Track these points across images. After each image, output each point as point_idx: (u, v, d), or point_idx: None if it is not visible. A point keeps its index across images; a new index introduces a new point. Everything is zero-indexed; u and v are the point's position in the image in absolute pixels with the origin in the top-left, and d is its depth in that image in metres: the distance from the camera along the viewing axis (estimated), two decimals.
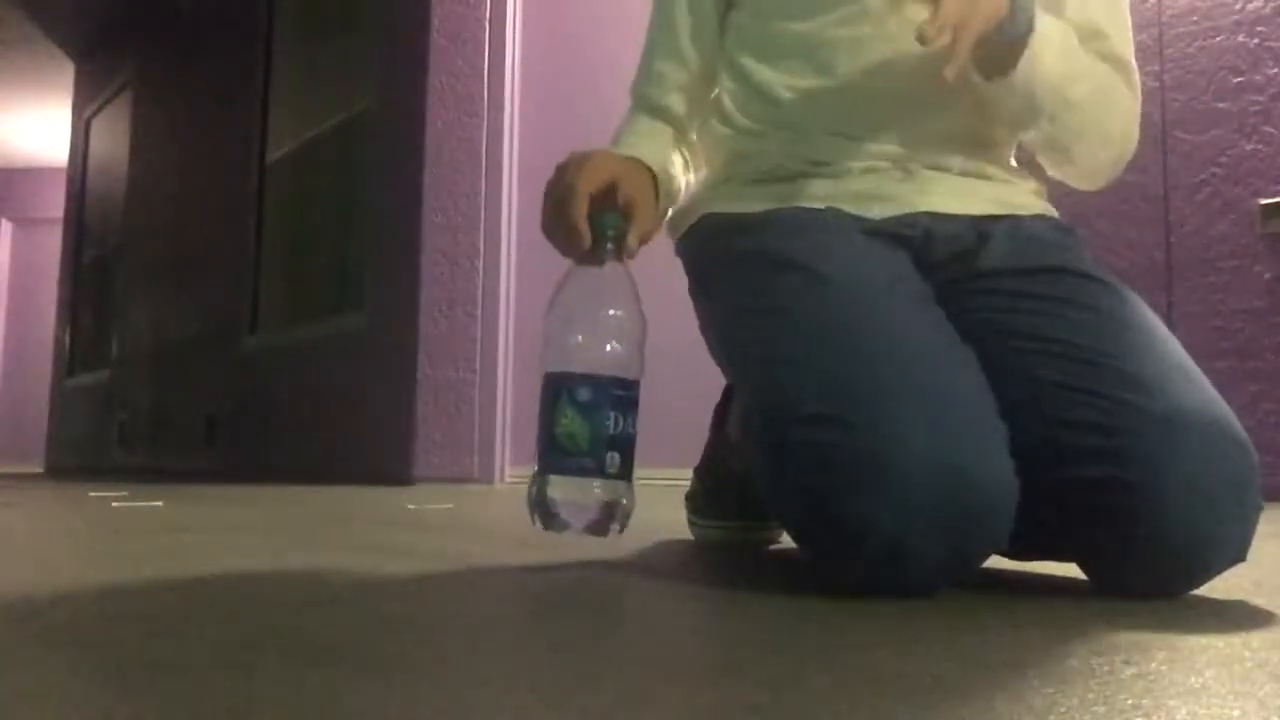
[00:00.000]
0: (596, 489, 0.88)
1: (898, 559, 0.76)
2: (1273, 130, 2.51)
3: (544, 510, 0.89)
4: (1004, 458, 0.78)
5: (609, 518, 0.89)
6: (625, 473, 0.89)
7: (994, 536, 0.78)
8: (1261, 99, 2.52)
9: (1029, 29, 0.90)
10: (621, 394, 0.89)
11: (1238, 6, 2.58)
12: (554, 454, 0.89)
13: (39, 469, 6.66)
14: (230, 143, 4.80)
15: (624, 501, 0.90)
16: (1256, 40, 2.55)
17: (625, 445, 0.89)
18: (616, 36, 3.38)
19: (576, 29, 3.45)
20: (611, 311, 0.91)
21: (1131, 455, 0.77)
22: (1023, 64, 0.90)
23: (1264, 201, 2.49)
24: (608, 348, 0.89)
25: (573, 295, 0.91)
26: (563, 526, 0.89)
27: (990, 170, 1.03)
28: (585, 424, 0.87)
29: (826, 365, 0.82)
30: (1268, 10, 2.54)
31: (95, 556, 1.08)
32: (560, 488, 0.89)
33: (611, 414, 0.88)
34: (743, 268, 0.97)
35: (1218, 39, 2.59)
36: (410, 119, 3.48)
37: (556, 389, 0.89)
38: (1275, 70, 2.52)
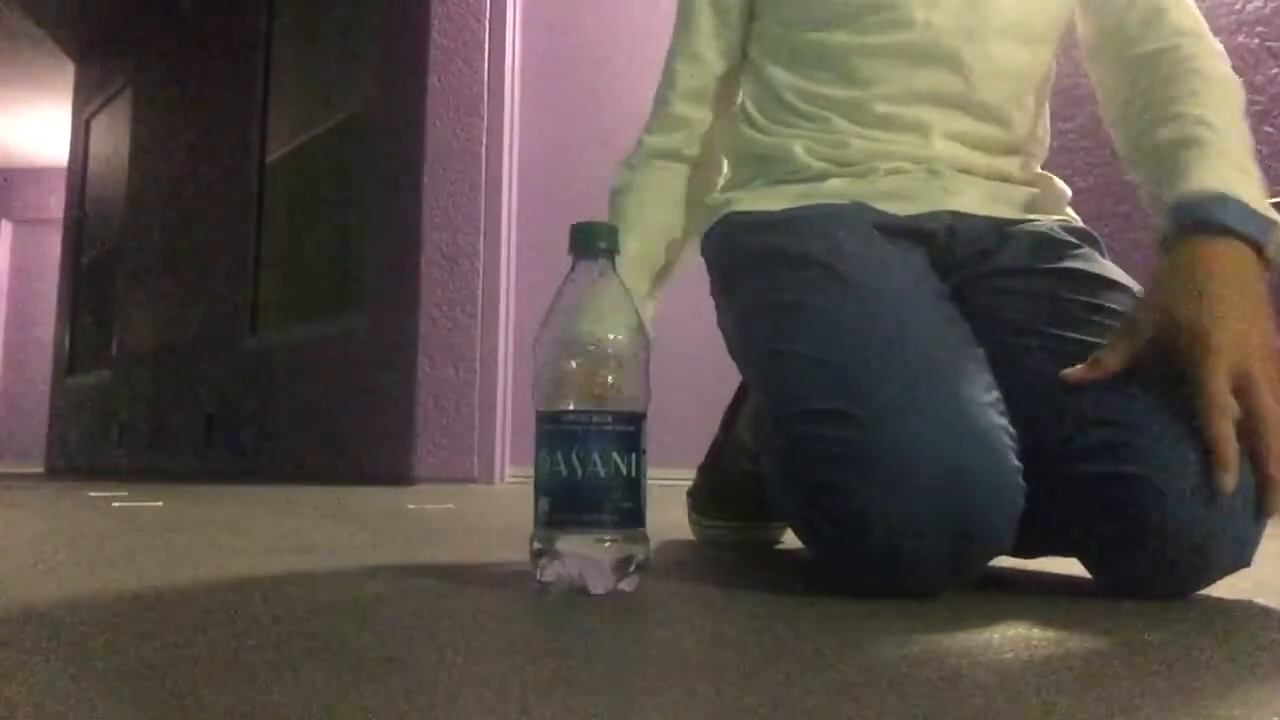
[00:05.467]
0: (608, 542, 0.78)
1: (900, 557, 0.76)
2: (1273, 130, 2.51)
3: (553, 568, 0.79)
4: (1010, 460, 0.78)
5: (624, 572, 0.78)
6: (638, 519, 0.79)
7: (997, 538, 0.78)
8: (1261, 99, 2.52)
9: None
10: (627, 430, 0.78)
11: (1238, 6, 2.58)
12: (559, 505, 0.78)
13: (39, 469, 6.66)
14: (230, 143, 4.80)
15: (639, 555, 0.79)
16: (1256, 40, 2.55)
17: (635, 488, 0.79)
18: (617, 36, 3.38)
19: (576, 29, 3.45)
20: (611, 335, 0.79)
21: (1140, 451, 0.77)
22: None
23: None
24: (609, 379, 0.78)
25: (564, 316, 0.80)
26: (574, 585, 0.78)
27: (1015, 174, 1.03)
28: (589, 468, 0.77)
29: (837, 361, 0.82)
30: (1268, 10, 2.54)
31: (95, 556, 1.08)
32: (569, 543, 0.78)
33: (614, 454, 0.77)
34: (762, 265, 0.97)
35: (1218, 39, 2.59)
36: (410, 119, 3.48)
37: (553, 429, 0.79)
38: (1275, 70, 2.52)
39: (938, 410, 0.77)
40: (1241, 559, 0.79)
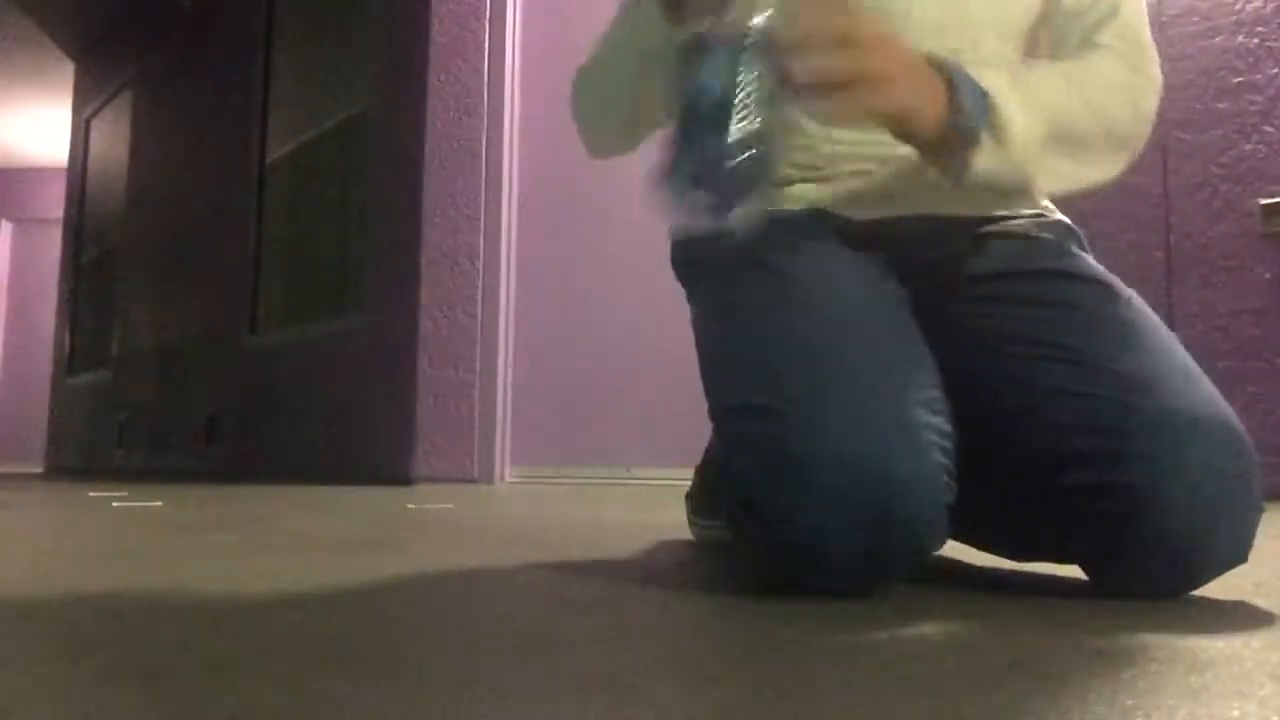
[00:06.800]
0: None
1: (815, 552, 0.76)
2: (1273, 130, 2.51)
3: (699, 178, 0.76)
4: (932, 458, 0.77)
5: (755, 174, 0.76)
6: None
7: (917, 537, 0.77)
8: (1261, 99, 2.52)
9: (980, 125, 0.84)
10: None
11: (1238, 6, 2.58)
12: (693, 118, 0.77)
13: (39, 469, 6.66)
14: (230, 143, 4.80)
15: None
16: (1256, 40, 2.55)
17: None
18: None
19: (576, 29, 3.45)
20: None
21: (1131, 457, 0.77)
22: (984, 159, 0.85)
23: (1264, 201, 2.49)
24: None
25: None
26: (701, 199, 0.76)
27: None
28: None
29: (768, 357, 0.83)
30: (1268, 10, 2.54)
31: (95, 556, 1.08)
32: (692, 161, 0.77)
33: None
34: (714, 267, 0.98)
35: (1218, 39, 2.59)
36: (410, 119, 3.48)
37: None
38: (1275, 70, 2.52)
39: (859, 408, 0.77)
40: (1237, 556, 0.79)
